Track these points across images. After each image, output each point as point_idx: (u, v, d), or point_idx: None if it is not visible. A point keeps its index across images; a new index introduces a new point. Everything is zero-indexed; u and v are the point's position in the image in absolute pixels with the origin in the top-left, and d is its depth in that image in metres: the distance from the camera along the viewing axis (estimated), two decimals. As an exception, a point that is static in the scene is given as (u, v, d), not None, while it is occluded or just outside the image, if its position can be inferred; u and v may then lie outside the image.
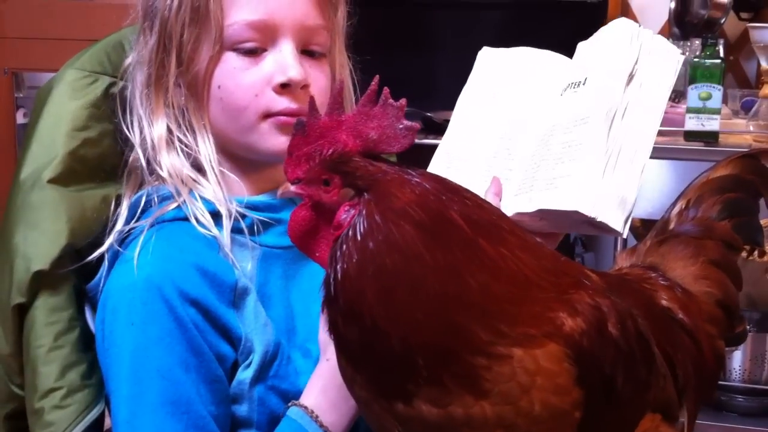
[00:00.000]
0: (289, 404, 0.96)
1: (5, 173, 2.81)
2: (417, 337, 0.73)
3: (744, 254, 1.06)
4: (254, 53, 1.01)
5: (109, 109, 1.07)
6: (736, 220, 1.03)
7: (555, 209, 0.95)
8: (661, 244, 1.03)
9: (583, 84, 1.02)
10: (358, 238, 0.75)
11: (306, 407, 0.93)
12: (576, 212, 0.94)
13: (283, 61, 1.00)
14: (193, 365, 0.94)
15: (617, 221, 0.96)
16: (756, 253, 1.09)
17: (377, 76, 0.80)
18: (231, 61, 1.01)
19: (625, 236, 0.97)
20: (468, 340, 0.73)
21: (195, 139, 1.03)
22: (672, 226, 1.05)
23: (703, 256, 1.01)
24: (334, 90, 0.81)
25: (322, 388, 0.93)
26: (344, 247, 0.76)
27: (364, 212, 0.76)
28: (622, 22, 1.04)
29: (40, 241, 1.02)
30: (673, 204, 1.06)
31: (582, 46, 1.08)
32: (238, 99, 1.00)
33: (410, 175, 0.77)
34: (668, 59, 1.01)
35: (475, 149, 1.09)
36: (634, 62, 0.99)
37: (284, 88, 1.00)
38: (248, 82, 1.00)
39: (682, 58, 1.03)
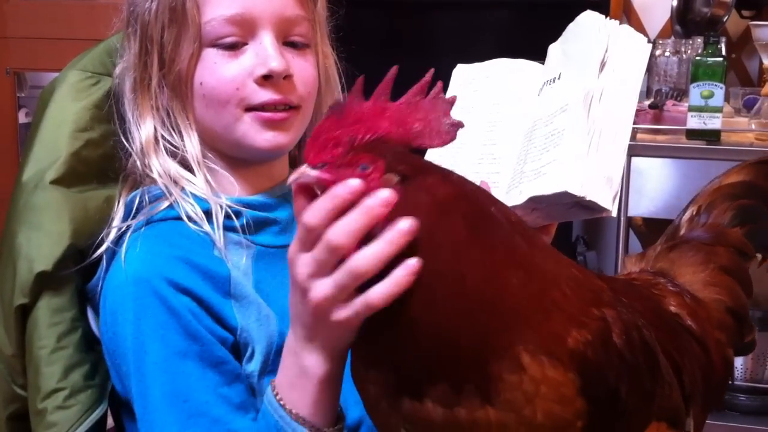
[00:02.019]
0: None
1: (7, 173, 2.81)
2: (450, 333, 0.71)
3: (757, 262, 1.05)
4: (235, 47, 1.00)
5: (112, 110, 1.07)
6: (748, 227, 1.02)
7: (545, 194, 0.96)
8: (671, 250, 1.02)
9: (558, 79, 1.03)
10: None
11: (272, 383, 0.87)
12: (566, 193, 0.94)
13: (263, 52, 1.00)
14: (193, 352, 0.93)
15: (606, 199, 0.95)
16: (768, 262, 1.08)
17: (432, 69, 0.78)
18: (211, 57, 1.00)
19: (614, 215, 0.97)
20: (497, 342, 0.71)
21: (182, 138, 1.03)
22: (682, 231, 1.04)
23: (714, 262, 1.00)
24: (386, 78, 0.78)
25: (283, 365, 0.86)
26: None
27: (411, 202, 0.72)
28: (588, 14, 1.04)
29: (43, 242, 1.02)
30: (684, 210, 1.05)
31: (552, 48, 1.10)
32: (219, 94, 1.00)
33: (444, 170, 0.76)
34: (637, 47, 1.02)
35: (459, 158, 1.10)
36: (604, 50, 1.00)
37: (266, 79, 1.00)
38: (229, 76, 1.00)
39: (650, 46, 1.04)
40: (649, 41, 1.05)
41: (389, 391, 0.75)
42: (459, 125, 0.77)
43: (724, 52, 2.25)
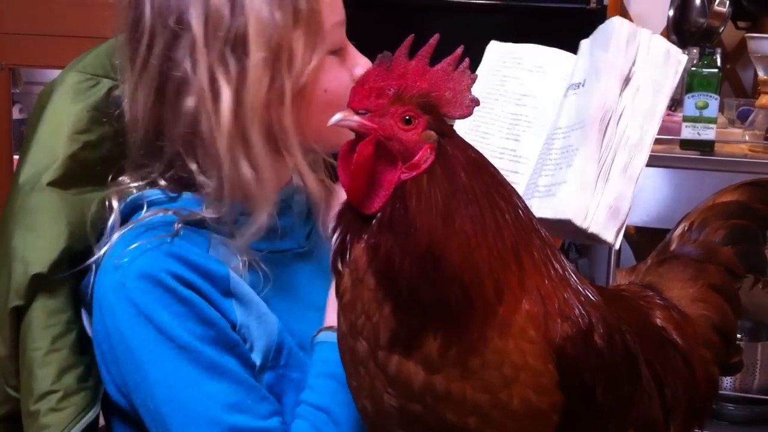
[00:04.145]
0: (316, 332, 0.99)
1: (1, 170, 2.81)
2: (477, 271, 0.74)
3: (759, 285, 1.05)
4: (338, 52, 1.03)
5: (110, 112, 1.07)
6: (739, 247, 1.02)
7: (550, 218, 0.96)
8: (660, 264, 1.03)
9: (582, 86, 1.01)
10: (444, 180, 0.77)
11: (332, 327, 0.92)
12: (569, 222, 0.94)
13: (354, 53, 1.04)
14: (210, 337, 0.94)
15: (609, 233, 0.96)
16: (761, 284, 1.08)
17: (462, 45, 0.81)
18: (330, 63, 1.02)
19: (617, 247, 0.97)
20: (507, 290, 0.75)
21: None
22: (673, 246, 1.04)
23: (703, 279, 1.01)
24: (429, 42, 0.81)
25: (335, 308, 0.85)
26: (427, 187, 0.76)
27: (449, 155, 0.78)
28: (618, 21, 1.01)
29: (39, 244, 1.02)
30: (676, 225, 1.06)
31: (584, 44, 1.07)
32: (341, 98, 0.96)
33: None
34: (668, 62, 0.99)
35: (481, 148, 1.09)
36: (630, 65, 0.98)
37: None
38: (345, 81, 1.02)
39: (685, 58, 1.00)
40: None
41: (381, 345, 0.76)
42: (476, 103, 0.80)
43: (719, 63, 2.26)
